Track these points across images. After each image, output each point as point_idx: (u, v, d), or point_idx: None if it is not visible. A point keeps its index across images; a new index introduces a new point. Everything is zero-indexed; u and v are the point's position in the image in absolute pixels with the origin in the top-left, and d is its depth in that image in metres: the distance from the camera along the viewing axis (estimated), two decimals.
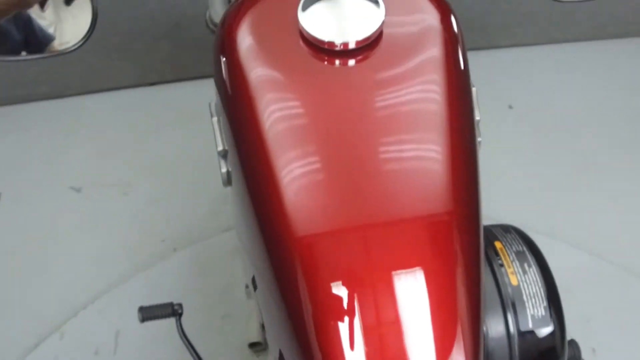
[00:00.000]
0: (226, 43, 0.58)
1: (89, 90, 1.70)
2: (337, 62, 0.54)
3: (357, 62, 0.54)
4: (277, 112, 0.52)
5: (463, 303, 0.47)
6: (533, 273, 0.63)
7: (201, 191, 1.45)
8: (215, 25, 0.88)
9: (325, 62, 0.54)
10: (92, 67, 1.66)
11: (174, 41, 1.69)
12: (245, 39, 0.57)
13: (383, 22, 0.54)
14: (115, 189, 1.48)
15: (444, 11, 0.58)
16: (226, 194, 1.44)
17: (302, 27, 0.54)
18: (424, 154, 0.50)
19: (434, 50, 0.55)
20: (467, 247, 0.49)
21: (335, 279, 0.46)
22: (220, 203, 1.42)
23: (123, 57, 1.70)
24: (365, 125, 0.51)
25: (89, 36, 0.64)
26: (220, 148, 0.59)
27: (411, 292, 0.45)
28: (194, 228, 1.39)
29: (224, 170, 0.59)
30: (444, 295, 0.46)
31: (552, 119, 1.59)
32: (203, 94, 1.76)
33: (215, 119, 0.61)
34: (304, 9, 0.55)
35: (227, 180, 0.60)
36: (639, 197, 1.45)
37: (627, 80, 1.72)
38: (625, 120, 1.62)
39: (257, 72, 0.55)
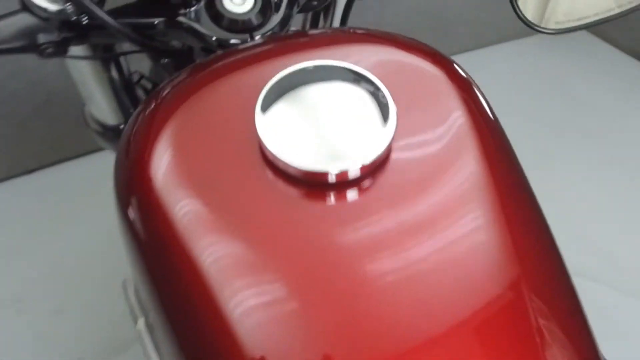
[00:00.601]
0: (142, 180, 0.36)
1: None
2: (330, 198, 0.34)
3: (362, 192, 0.34)
4: (260, 294, 0.32)
5: None
6: None
7: (113, 288, 1.21)
8: (100, 124, 0.68)
9: (313, 200, 0.33)
10: None
11: (47, 119, 1.44)
12: (174, 169, 0.35)
13: (397, 127, 0.34)
14: (6, 309, 1.19)
15: (455, 76, 0.41)
16: None
17: (267, 148, 0.33)
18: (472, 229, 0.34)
19: (466, 142, 0.37)
20: (561, 308, 0.35)
21: None
22: None
23: None
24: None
25: None
26: None
27: None
28: (114, 335, 1.14)
29: None
30: None
31: None
32: (93, 171, 1.52)
33: (141, 322, 0.40)
34: (264, 109, 0.35)
35: None
36: (568, 199, 1.39)
37: (517, 83, 1.71)
38: (531, 123, 1.59)
39: (210, 226, 0.33)
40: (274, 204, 0.33)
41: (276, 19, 0.50)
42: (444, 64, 0.41)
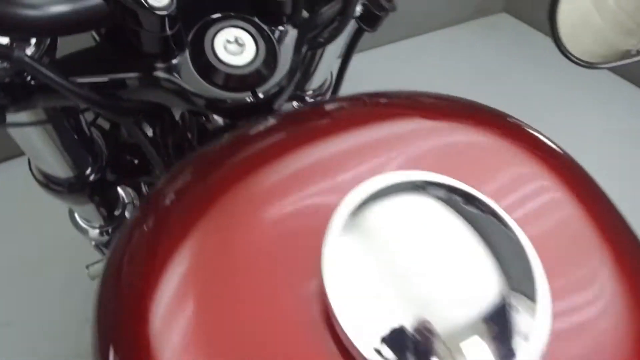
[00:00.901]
0: (138, 335, 0.23)
1: None
2: None
3: None
4: None
5: None
6: None
7: (62, 298, 1.15)
8: (47, 177, 0.55)
9: None
10: None
11: None
12: (186, 325, 0.22)
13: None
14: None
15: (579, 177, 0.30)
16: None
17: (340, 326, 0.20)
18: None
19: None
20: None
21: None
22: None
23: None
24: None
25: None
26: None
27: None
28: (63, 347, 1.09)
29: None
30: None
31: None
32: None
33: None
34: (333, 254, 0.21)
35: None
36: None
37: (458, 68, 1.75)
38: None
39: None
40: None
41: (283, 68, 0.36)
42: (558, 155, 0.29)
